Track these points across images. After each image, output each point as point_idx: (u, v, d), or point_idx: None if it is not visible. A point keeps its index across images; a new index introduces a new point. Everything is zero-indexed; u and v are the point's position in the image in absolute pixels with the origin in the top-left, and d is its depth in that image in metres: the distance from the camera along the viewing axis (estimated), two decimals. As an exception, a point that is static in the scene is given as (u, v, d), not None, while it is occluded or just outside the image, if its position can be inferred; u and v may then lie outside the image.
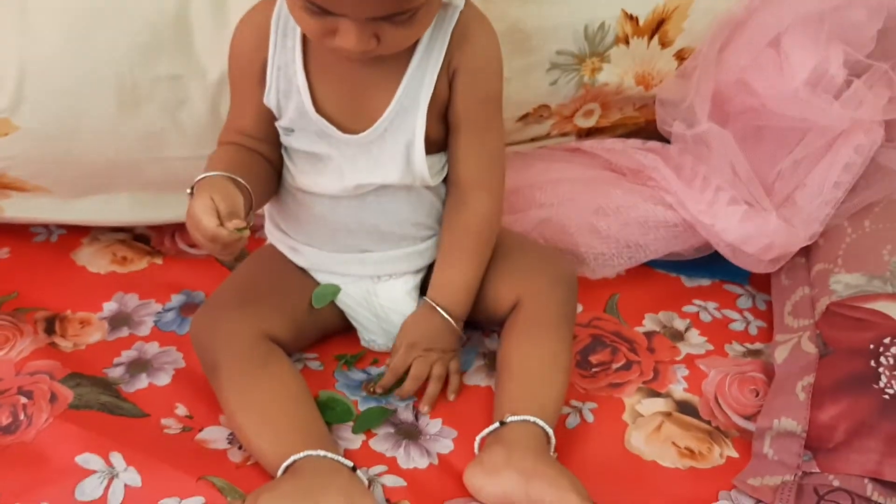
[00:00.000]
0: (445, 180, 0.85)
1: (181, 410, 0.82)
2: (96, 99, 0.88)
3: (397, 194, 0.82)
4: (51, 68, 0.87)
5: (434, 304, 0.83)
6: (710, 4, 0.98)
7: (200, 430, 0.80)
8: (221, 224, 0.70)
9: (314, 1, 0.69)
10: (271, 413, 0.75)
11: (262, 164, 0.83)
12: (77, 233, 1.01)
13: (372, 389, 0.83)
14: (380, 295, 0.85)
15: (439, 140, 0.82)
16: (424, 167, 0.80)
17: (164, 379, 0.85)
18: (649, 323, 0.92)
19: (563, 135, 1.05)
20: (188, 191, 0.74)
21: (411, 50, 0.77)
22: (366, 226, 0.83)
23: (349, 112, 0.79)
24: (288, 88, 0.79)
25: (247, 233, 0.71)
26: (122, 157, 0.92)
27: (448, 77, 0.78)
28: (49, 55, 0.86)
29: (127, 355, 0.87)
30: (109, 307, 0.93)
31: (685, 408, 0.83)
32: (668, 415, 0.83)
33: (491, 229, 0.84)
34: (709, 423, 0.82)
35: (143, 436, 0.78)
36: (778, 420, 0.79)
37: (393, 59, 0.76)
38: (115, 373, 0.85)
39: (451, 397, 0.83)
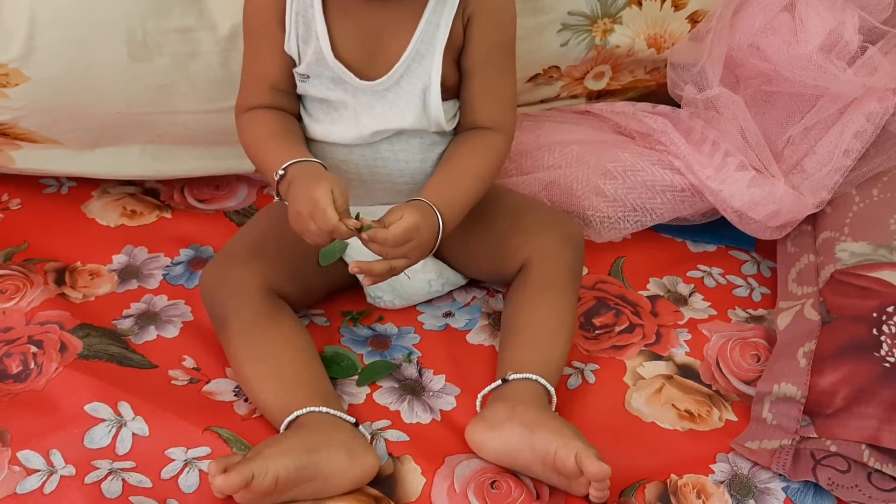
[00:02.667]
0: (457, 129, 0.85)
1: (189, 362, 0.83)
2: (107, 50, 0.88)
3: (411, 142, 0.82)
4: (61, 18, 0.86)
5: (438, 214, 0.77)
6: (728, -34, 0.97)
7: (207, 382, 0.81)
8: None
9: None
10: (277, 367, 0.77)
11: (300, 128, 0.83)
12: (87, 185, 1.01)
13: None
14: None
15: (453, 86, 0.82)
16: (440, 111, 0.80)
17: (172, 331, 0.86)
18: (654, 287, 0.93)
19: (573, 97, 1.04)
20: (277, 175, 0.76)
21: None
22: (379, 176, 0.83)
23: (366, 58, 0.79)
24: (307, 34, 0.79)
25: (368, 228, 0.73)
26: (133, 110, 0.92)
27: (463, 22, 0.79)
28: (59, 5, 0.86)
29: (136, 307, 0.88)
30: (119, 259, 0.93)
31: (686, 371, 0.84)
32: (668, 378, 0.84)
33: (498, 167, 0.84)
34: (709, 386, 0.83)
35: (152, 386, 0.79)
36: (778, 385, 0.80)
37: (409, 4, 0.78)
38: (125, 324, 0.86)
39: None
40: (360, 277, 0.78)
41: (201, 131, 0.95)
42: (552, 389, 0.77)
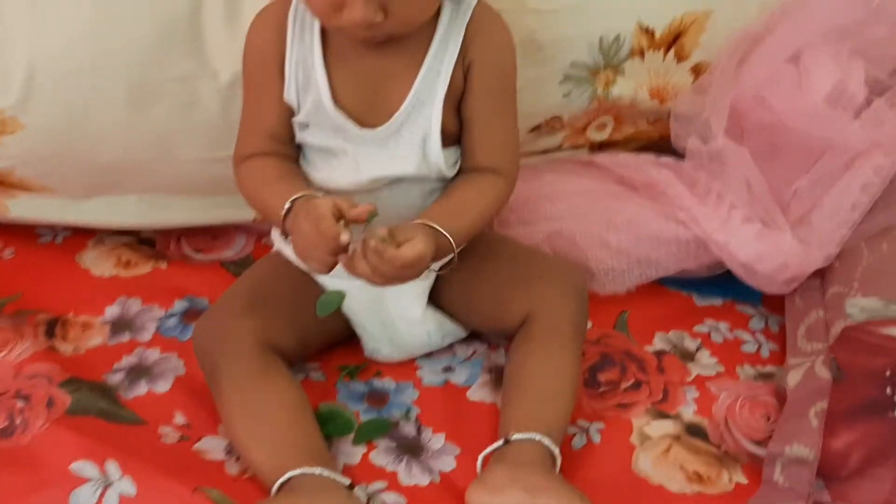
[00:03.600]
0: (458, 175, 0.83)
1: (179, 419, 0.80)
2: (105, 98, 0.87)
3: (411, 189, 0.81)
4: (60, 65, 0.86)
5: (451, 242, 0.74)
6: (728, 19, 0.96)
7: (198, 440, 0.78)
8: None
9: None
10: (269, 424, 0.74)
11: (301, 171, 0.82)
12: (82, 235, 1.00)
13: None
14: (387, 301, 0.83)
15: (454, 133, 0.81)
16: (441, 158, 0.79)
17: (163, 386, 0.83)
18: (660, 342, 0.91)
19: (576, 147, 1.03)
20: (284, 209, 0.73)
21: (427, 43, 0.77)
22: (380, 221, 0.81)
23: (366, 106, 0.78)
24: (306, 83, 0.79)
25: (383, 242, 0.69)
26: (131, 158, 0.91)
27: (463, 70, 0.78)
28: (59, 52, 0.85)
29: (127, 361, 0.86)
30: (112, 311, 0.91)
31: (694, 430, 0.81)
32: (676, 437, 0.81)
33: (497, 209, 0.83)
34: (718, 447, 0.80)
35: (140, 444, 0.77)
36: (790, 446, 0.77)
37: (410, 52, 0.77)
38: (115, 378, 0.84)
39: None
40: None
41: (200, 180, 0.94)
42: (556, 451, 0.75)
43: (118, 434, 0.77)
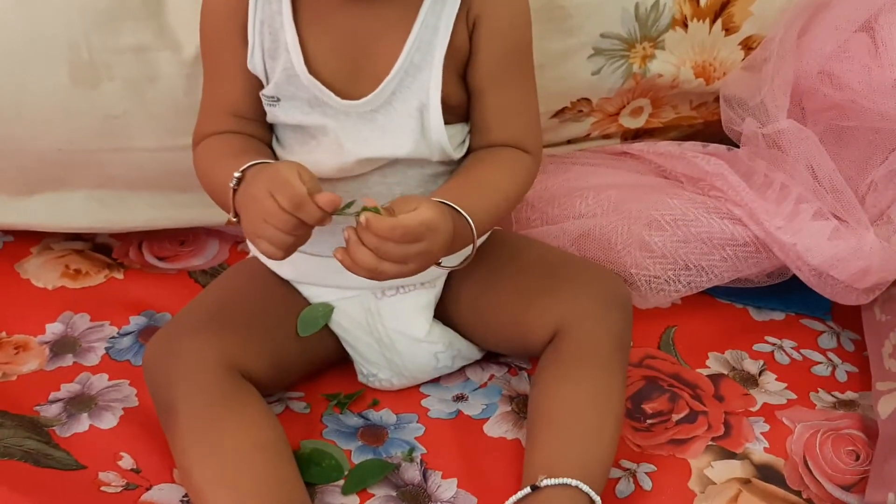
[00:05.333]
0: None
1: (126, 462, 0.69)
2: (44, 71, 0.77)
3: (408, 173, 0.71)
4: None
5: (469, 221, 0.64)
6: (785, -15, 0.87)
7: (149, 489, 0.67)
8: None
9: None
10: (234, 470, 0.62)
11: (270, 152, 0.72)
12: (27, 240, 0.89)
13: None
14: (384, 314, 0.73)
15: (459, 106, 0.71)
16: (443, 134, 0.69)
17: (109, 420, 0.72)
18: (714, 363, 0.79)
19: (606, 137, 0.93)
20: (233, 181, 0.63)
21: None
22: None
23: (348, 72, 0.69)
24: (274, 47, 0.68)
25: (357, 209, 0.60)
26: (77, 146, 0.82)
27: (468, 28, 0.69)
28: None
29: (67, 389, 0.75)
30: (53, 329, 0.80)
31: (768, 473, 0.70)
32: (746, 482, 0.69)
33: (524, 191, 0.72)
34: (799, 493, 0.68)
35: (75, 494, 0.65)
36: (893, 493, 0.63)
37: (400, 4, 0.67)
38: (50, 411, 0.72)
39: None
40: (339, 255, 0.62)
41: (161, 173, 0.83)
42: (598, 499, 0.64)
43: (47, 482, 0.66)
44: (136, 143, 0.81)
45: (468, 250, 0.65)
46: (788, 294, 0.84)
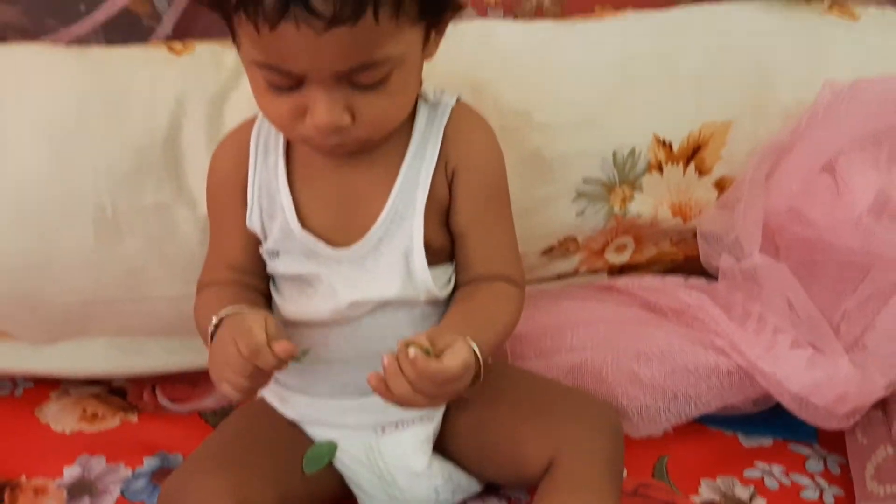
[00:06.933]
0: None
1: None
2: (72, 229, 0.80)
3: (398, 314, 0.72)
4: (22, 193, 0.79)
5: (479, 358, 0.65)
6: (749, 131, 0.90)
7: None
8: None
9: (272, 64, 0.63)
10: None
11: (266, 305, 0.75)
12: (46, 386, 0.91)
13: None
14: (384, 451, 0.74)
15: (443, 249, 0.74)
16: (427, 275, 0.71)
17: None
18: (706, 490, 0.79)
19: (593, 272, 0.95)
20: (212, 325, 0.67)
21: (403, 150, 0.71)
22: (364, 355, 0.71)
23: (338, 224, 0.72)
24: (271, 207, 0.73)
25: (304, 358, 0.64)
26: (100, 298, 0.84)
27: (447, 178, 0.72)
28: (22, 178, 0.79)
29: None
30: (71, 472, 0.81)
31: None
32: None
33: (516, 322, 0.73)
34: None
35: None
36: None
37: (383, 163, 0.71)
38: None
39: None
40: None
41: (176, 320, 0.85)
42: None
43: None
44: (155, 293, 0.83)
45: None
46: (775, 420, 0.85)
